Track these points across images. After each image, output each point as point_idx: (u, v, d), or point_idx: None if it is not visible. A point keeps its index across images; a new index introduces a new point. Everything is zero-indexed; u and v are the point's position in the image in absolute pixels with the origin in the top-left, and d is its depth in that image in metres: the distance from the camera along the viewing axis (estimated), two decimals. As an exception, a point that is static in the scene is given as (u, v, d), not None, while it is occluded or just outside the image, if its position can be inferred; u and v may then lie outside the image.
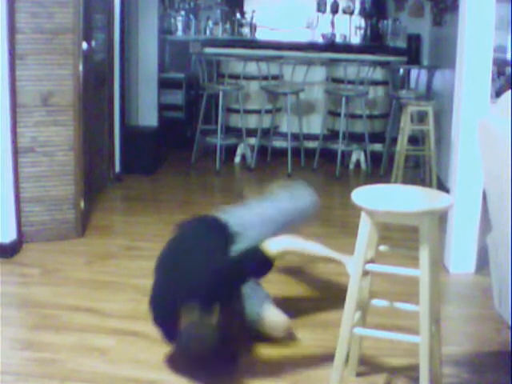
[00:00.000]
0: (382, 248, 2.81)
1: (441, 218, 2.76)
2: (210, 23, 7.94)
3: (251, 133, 6.77)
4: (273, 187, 3.73)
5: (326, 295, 3.76)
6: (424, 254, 2.55)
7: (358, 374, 2.94)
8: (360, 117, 6.73)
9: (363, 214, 2.61)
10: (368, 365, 3.02)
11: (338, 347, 2.67)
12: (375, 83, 6.85)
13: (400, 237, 3.81)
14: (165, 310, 2.90)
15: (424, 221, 2.54)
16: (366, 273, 2.69)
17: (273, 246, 2.94)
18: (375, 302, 2.83)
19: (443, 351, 2.88)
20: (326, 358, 2.90)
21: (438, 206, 2.61)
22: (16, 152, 4.18)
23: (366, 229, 2.61)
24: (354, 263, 2.64)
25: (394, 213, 2.59)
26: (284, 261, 3.84)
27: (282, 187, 3.68)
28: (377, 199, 2.64)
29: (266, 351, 3.12)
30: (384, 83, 6.99)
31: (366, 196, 2.65)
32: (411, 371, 2.90)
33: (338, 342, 2.67)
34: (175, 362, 3.00)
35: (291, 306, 3.61)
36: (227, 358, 2.97)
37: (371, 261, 2.71)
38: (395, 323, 3.20)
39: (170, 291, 2.90)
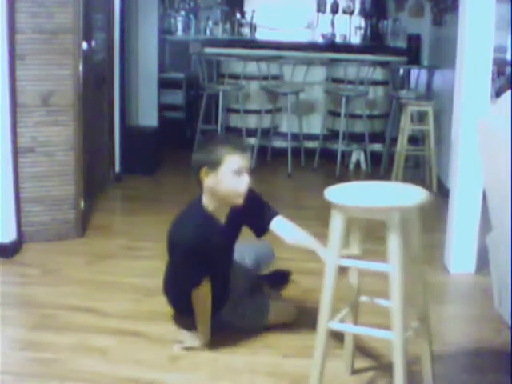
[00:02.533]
0: (368, 245, 2.82)
1: (440, 218, 2.76)
2: (210, 23, 7.94)
3: (251, 133, 6.77)
4: None
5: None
6: (393, 249, 2.52)
7: (354, 372, 2.95)
8: (360, 117, 6.73)
9: (333, 209, 2.61)
10: (364, 362, 3.02)
11: (316, 342, 2.66)
12: (375, 83, 6.85)
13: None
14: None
15: (391, 216, 2.51)
16: (341, 268, 2.67)
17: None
18: (363, 298, 2.84)
19: (443, 351, 2.88)
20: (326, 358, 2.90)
21: (406, 203, 2.58)
22: (16, 152, 4.18)
23: (337, 223, 2.59)
24: (328, 258, 2.64)
25: (360, 208, 2.58)
26: (283, 261, 3.86)
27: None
28: (348, 195, 2.65)
29: (265, 351, 3.12)
30: (384, 83, 7.00)
31: (338, 192, 2.66)
32: (408, 369, 2.91)
33: (316, 337, 2.66)
34: (175, 362, 3.00)
35: (291, 306, 3.62)
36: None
37: (356, 257, 2.72)
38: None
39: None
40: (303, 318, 3.45)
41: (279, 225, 3.23)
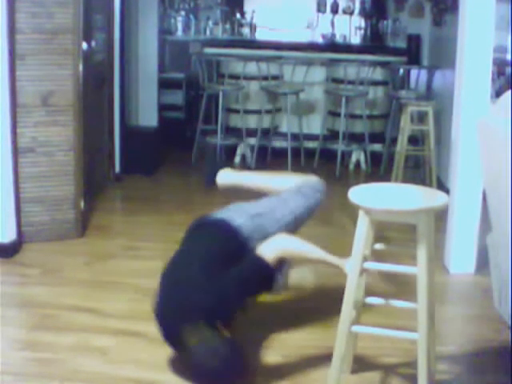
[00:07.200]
0: (378, 246, 2.82)
1: (440, 218, 2.77)
2: (210, 23, 7.94)
3: (251, 133, 6.77)
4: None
5: (325, 296, 3.76)
6: (421, 252, 2.55)
7: (353, 372, 2.95)
8: (360, 117, 6.73)
9: (361, 213, 2.62)
10: (363, 363, 3.02)
11: (336, 345, 2.68)
12: (375, 83, 6.85)
13: (398, 237, 3.82)
14: (169, 326, 2.89)
15: (421, 219, 2.54)
16: (363, 271, 2.70)
17: (269, 250, 2.92)
18: (370, 299, 2.84)
19: (443, 351, 2.89)
20: (326, 358, 2.90)
21: (435, 204, 2.62)
22: (16, 152, 4.18)
23: (363, 227, 2.61)
24: (352, 261, 2.65)
25: (392, 211, 2.60)
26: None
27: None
28: (374, 198, 2.65)
29: (266, 351, 3.12)
30: (384, 83, 6.99)
31: (363, 195, 2.66)
32: (406, 369, 2.91)
33: (336, 340, 2.68)
34: (175, 362, 3.00)
35: (291, 307, 3.62)
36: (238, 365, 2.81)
37: (366, 259, 2.73)
38: (394, 323, 3.20)
39: (173, 308, 2.87)
40: (303, 318, 3.46)
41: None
